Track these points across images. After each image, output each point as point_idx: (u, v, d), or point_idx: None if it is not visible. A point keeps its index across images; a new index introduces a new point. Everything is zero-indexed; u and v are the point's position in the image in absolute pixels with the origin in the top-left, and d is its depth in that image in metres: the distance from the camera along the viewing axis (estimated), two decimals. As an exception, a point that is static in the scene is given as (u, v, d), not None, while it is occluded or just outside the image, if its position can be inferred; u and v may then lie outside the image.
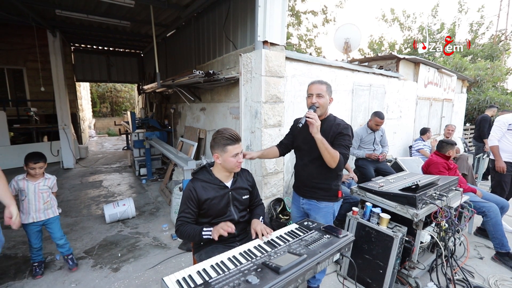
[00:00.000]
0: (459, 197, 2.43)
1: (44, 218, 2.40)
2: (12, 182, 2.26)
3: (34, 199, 2.35)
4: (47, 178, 2.44)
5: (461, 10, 12.90)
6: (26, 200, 2.32)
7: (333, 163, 1.69)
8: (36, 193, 2.36)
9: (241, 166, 1.67)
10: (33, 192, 2.34)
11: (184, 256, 2.73)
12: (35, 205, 2.36)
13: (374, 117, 3.68)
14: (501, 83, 10.41)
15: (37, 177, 2.37)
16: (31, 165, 2.29)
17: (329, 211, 1.93)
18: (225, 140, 1.55)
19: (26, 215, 2.31)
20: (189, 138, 5.22)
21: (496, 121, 3.37)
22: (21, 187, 2.31)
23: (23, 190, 2.32)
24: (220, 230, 1.42)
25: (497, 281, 2.36)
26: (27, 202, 2.33)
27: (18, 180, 2.31)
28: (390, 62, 5.35)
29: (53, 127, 6.58)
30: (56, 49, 5.87)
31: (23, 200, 2.31)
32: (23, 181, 2.32)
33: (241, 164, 1.66)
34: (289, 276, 1.12)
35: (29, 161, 2.29)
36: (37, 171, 2.31)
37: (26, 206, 2.32)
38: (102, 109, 17.59)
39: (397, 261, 2.05)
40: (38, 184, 2.37)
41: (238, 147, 1.58)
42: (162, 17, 5.48)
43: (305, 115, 1.67)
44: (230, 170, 1.63)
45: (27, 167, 2.30)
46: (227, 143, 1.55)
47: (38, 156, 2.34)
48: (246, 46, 3.51)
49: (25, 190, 2.32)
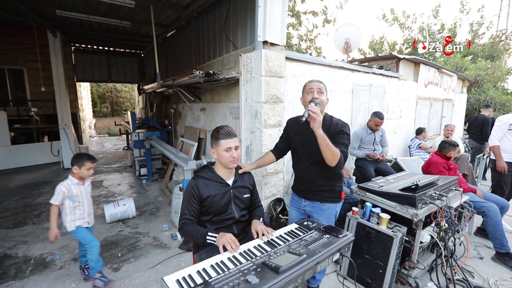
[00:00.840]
0: (459, 197, 2.43)
1: (92, 223, 2.36)
2: (62, 190, 2.11)
3: (87, 203, 2.28)
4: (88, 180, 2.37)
5: (463, 10, 12.89)
6: (81, 206, 2.22)
7: (333, 160, 1.64)
8: (88, 196, 2.30)
9: (236, 163, 1.65)
10: (86, 195, 2.27)
11: (184, 256, 2.73)
12: (89, 209, 2.30)
13: (373, 117, 3.68)
14: (501, 83, 10.39)
15: (84, 180, 2.28)
16: (88, 165, 2.18)
17: (332, 213, 1.92)
18: (219, 135, 1.60)
19: (81, 221, 2.23)
20: (189, 138, 5.22)
21: (497, 121, 3.37)
22: (74, 193, 2.18)
23: (76, 196, 2.19)
24: (227, 244, 1.37)
25: (497, 281, 2.36)
26: (82, 208, 2.23)
27: (71, 185, 2.17)
28: (390, 62, 5.35)
29: (53, 127, 6.59)
30: (57, 49, 5.88)
31: (77, 207, 2.20)
32: (76, 186, 2.20)
33: (236, 161, 1.63)
34: (288, 275, 1.12)
35: (87, 161, 2.18)
36: (91, 171, 2.22)
37: (80, 212, 2.23)
38: (103, 109, 17.61)
39: (397, 261, 2.05)
40: (87, 187, 2.30)
41: (231, 142, 1.59)
42: (162, 17, 5.49)
43: (307, 108, 1.58)
44: (225, 165, 1.64)
45: (82, 167, 2.17)
46: (220, 137, 1.59)
47: (92, 157, 2.25)
48: (246, 46, 3.52)
49: (78, 195, 2.21)
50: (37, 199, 4.33)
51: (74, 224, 2.20)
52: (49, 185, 5.05)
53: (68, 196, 2.15)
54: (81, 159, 2.17)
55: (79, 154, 2.23)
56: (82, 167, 2.17)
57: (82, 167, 2.17)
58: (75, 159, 2.19)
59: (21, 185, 5.05)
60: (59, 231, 2.15)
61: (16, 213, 3.77)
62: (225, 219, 1.65)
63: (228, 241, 1.37)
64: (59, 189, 2.11)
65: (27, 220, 3.54)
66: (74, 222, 2.20)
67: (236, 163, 1.65)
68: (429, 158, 3.29)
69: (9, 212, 3.80)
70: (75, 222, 2.20)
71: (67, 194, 2.14)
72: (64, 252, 2.79)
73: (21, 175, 5.68)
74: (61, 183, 2.15)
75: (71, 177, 2.20)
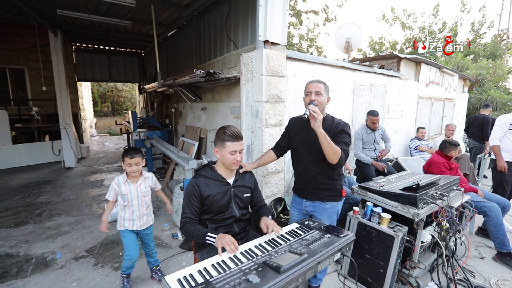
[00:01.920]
0: (460, 197, 2.43)
1: (146, 225, 2.17)
2: (112, 185, 2.02)
3: (138, 204, 2.08)
4: (146, 177, 2.15)
5: (463, 9, 12.85)
6: (130, 206, 2.06)
7: (334, 158, 1.67)
8: (139, 196, 2.08)
9: (238, 165, 1.67)
10: (136, 196, 2.07)
11: (185, 255, 2.74)
12: (139, 211, 2.09)
13: (368, 116, 3.75)
14: (503, 83, 10.36)
15: (136, 177, 2.08)
16: (127, 161, 1.98)
17: (333, 211, 1.93)
18: (226, 136, 1.58)
19: (129, 222, 2.08)
20: (190, 137, 5.23)
21: (497, 121, 3.36)
22: (123, 191, 2.02)
23: (125, 195, 2.03)
24: (226, 245, 1.35)
25: (498, 281, 2.35)
26: (131, 208, 2.06)
27: (120, 183, 2.03)
28: (391, 61, 5.34)
29: (54, 126, 6.60)
30: (58, 49, 5.89)
31: (126, 206, 2.05)
32: (125, 184, 2.04)
33: (239, 163, 1.66)
34: (290, 275, 1.12)
35: (125, 156, 1.99)
36: (133, 168, 2.00)
37: (129, 213, 2.06)
38: (103, 109, 17.61)
39: (398, 260, 2.04)
40: (140, 186, 2.09)
41: (237, 145, 1.59)
42: (163, 17, 5.49)
43: (308, 107, 1.64)
44: (227, 166, 1.64)
45: (124, 164, 2.01)
46: (227, 139, 1.58)
47: (134, 151, 2.02)
48: (247, 46, 3.51)
49: (127, 195, 2.04)
50: (38, 198, 4.33)
51: (123, 224, 2.09)
52: (50, 184, 5.06)
53: (119, 193, 2.04)
54: (124, 154, 1.99)
55: (127, 148, 2.06)
56: (123, 162, 1.98)
57: (123, 162, 1.99)
58: (124, 153, 2.01)
59: (22, 184, 5.06)
60: (107, 224, 2.07)
61: (17, 212, 3.78)
62: (225, 218, 1.66)
63: (227, 243, 1.36)
64: (111, 185, 2.02)
65: (28, 219, 3.55)
66: (123, 221, 2.09)
67: (238, 166, 1.66)
68: (430, 158, 3.28)
69: (11, 211, 3.81)
70: (124, 222, 2.09)
71: (118, 190, 2.02)
72: (65, 251, 2.80)
73: (22, 174, 5.69)
74: (115, 179, 2.05)
75: (124, 174, 2.05)
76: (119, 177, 2.05)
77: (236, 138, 1.59)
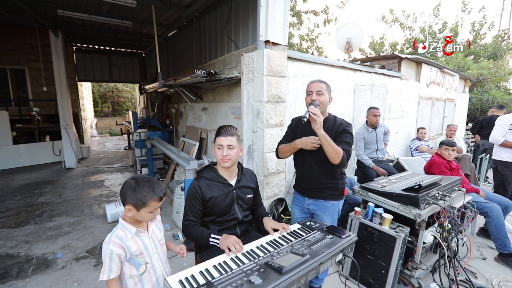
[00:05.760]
0: (462, 198, 2.42)
1: None
2: (112, 252, 1.18)
3: (160, 261, 1.36)
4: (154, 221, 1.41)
5: (464, 9, 12.84)
6: (150, 269, 1.31)
7: (336, 159, 1.68)
8: (158, 248, 1.37)
9: (228, 162, 1.59)
10: (155, 249, 1.34)
11: (186, 256, 2.72)
12: (164, 268, 1.39)
13: (369, 110, 3.75)
14: (504, 83, 10.35)
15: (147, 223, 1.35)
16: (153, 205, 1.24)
17: (335, 210, 1.95)
18: (217, 132, 1.62)
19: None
20: (191, 138, 5.22)
21: (498, 121, 3.37)
22: (134, 251, 1.24)
23: (139, 255, 1.26)
24: (231, 245, 1.34)
25: (500, 282, 2.34)
26: (152, 272, 1.31)
27: (125, 239, 1.23)
28: (392, 61, 5.34)
29: (55, 126, 6.61)
30: (58, 49, 5.89)
31: (144, 273, 1.28)
32: (134, 239, 1.26)
33: (228, 160, 1.58)
34: (292, 276, 1.11)
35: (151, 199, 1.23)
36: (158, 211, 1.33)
37: (153, 279, 1.32)
38: (104, 109, 17.62)
39: (399, 261, 2.03)
40: (154, 232, 1.37)
41: (224, 140, 1.58)
42: (164, 17, 5.49)
43: (308, 109, 1.65)
44: (218, 163, 1.65)
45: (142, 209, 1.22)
46: (217, 135, 1.62)
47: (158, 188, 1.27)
48: (248, 46, 3.51)
49: (142, 253, 1.27)
50: (38, 198, 4.33)
51: None
52: (50, 184, 5.06)
53: (126, 259, 1.24)
54: (140, 195, 1.20)
55: (137, 183, 1.22)
56: (142, 208, 1.22)
57: (142, 208, 1.22)
58: (131, 192, 1.21)
59: (22, 184, 5.06)
60: None
61: (18, 212, 3.78)
62: (228, 220, 1.65)
63: (232, 243, 1.36)
64: (109, 253, 1.18)
65: (29, 219, 3.55)
66: None
67: (228, 162, 1.59)
68: (430, 158, 3.28)
69: (11, 211, 3.81)
70: None
71: (123, 254, 1.22)
72: (66, 251, 2.80)
73: (23, 175, 5.69)
74: (109, 240, 1.21)
75: (123, 223, 1.27)
76: (117, 233, 1.24)
77: (224, 133, 1.59)
